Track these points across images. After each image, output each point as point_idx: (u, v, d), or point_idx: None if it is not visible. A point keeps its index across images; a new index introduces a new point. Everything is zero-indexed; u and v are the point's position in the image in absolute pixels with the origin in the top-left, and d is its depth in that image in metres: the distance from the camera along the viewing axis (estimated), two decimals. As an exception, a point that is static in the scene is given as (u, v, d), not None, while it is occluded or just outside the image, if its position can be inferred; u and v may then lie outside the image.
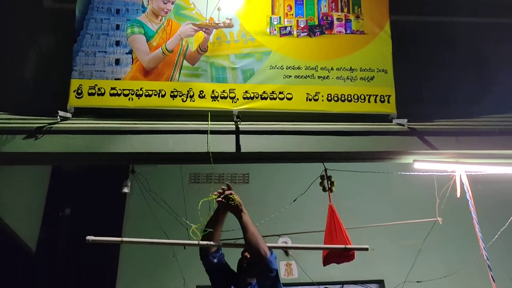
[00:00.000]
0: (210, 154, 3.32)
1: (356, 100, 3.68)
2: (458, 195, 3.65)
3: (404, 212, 5.04)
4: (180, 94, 3.53)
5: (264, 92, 3.60)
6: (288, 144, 3.52)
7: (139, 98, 3.48)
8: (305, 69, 3.70)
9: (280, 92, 3.61)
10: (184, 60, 3.62)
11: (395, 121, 3.69)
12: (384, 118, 3.72)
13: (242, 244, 2.51)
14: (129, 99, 3.48)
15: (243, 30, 3.72)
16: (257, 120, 3.59)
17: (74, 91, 3.45)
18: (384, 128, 3.66)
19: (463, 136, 3.67)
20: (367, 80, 3.74)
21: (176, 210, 4.58)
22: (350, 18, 3.89)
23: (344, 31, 3.86)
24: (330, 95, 3.66)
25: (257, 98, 3.59)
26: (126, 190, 5.09)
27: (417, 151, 3.60)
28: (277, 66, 3.67)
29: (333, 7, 3.90)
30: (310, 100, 3.64)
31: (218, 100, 3.55)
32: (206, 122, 3.46)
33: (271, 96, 3.61)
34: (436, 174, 3.84)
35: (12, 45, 3.82)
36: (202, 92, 3.55)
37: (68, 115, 3.41)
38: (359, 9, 3.92)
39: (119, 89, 3.49)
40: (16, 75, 3.74)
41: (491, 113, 3.90)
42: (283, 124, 3.59)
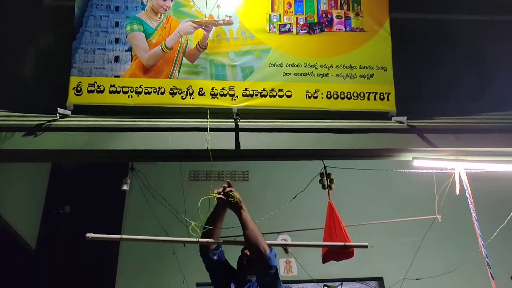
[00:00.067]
0: (209, 151, 3.33)
1: (355, 98, 3.68)
2: (458, 193, 3.65)
3: (403, 209, 5.06)
4: (180, 92, 3.52)
5: (264, 89, 3.60)
6: (288, 142, 3.52)
7: (138, 96, 3.48)
8: (304, 66, 3.70)
9: (279, 90, 3.61)
10: (184, 57, 3.62)
11: (394, 118, 3.70)
12: (383, 116, 3.73)
13: (242, 241, 2.52)
14: (128, 97, 3.48)
15: (242, 28, 3.72)
16: (256, 117, 3.59)
17: (74, 89, 3.45)
18: (384, 125, 3.67)
19: (463, 133, 3.68)
20: (366, 78, 3.74)
21: (176, 208, 4.58)
22: (349, 15, 3.89)
23: (343, 28, 3.86)
24: (329, 93, 3.66)
25: (256, 95, 3.58)
26: (125, 187, 5.10)
27: (416, 149, 3.61)
28: (276, 64, 3.67)
29: (332, 5, 3.90)
30: (310, 97, 3.64)
31: (218, 98, 3.55)
32: (206, 120, 3.46)
33: (271, 94, 3.61)
34: (436, 171, 3.84)
35: (11, 42, 3.81)
36: (201, 89, 3.55)
37: (68, 112, 3.41)
38: (358, 6, 3.92)
39: (119, 86, 3.49)
40: (15, 73, 3.74)
41: (491, 110, 3.91)
42: (282, 122, 3.60)
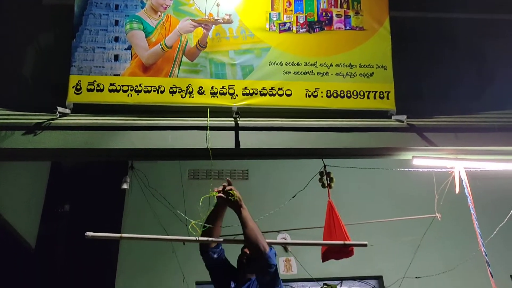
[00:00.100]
0: (209, 150, 3.32)
1: (355, 96, 3.68)
2: (457, 191, 3.65)
3: (403, 208, 5.05)
4: (179, 90, 3.52)
5: (264, 88, 3.60)
6: (287, 140, 3.52)
7: (138, 94, 3.48)
8: (304, 65, 3.69)
9: (279, 88, 3.61)
10: (183, 56, 3.62)
11: (394, 117, 3.69)
12: (383, 114, 3.73)
13: (242, 240, 2.52)
14: (128, 95, 3.48)
15: (242, 26, 3.71)
16: (256, 116, 3.58)
17: (73, 87, 3.45)
18: (383, 124, 3.67)
19: (462, 132, 3.68)
20: (366, 76, 3.74)
21: (176, 206, 4.55)
22: (349, 14, 3.88)
23: (343, 27, 3.86)
24: (329, 91, 3.66)
25: (256, 94, 3.58)
26: (125, 186, 5.09)
27: (416, 147, 3.61)
28: (276, 62, 3.67)
29: (332, 3, 3.90)
30: (310, 96, 3.64)
31: (217, 96, 3.54)
32: (205, 118, 3.45)
33: (270, 92, 3.60)
34: (435, 170, 3.84)
35: (11, 41, 3.80)
36: (201, 88, 3.54)
37: (67, 111, 3.41)
38: (358, 5, 3.91)
39: (118, 85, 3.49)
40: (15, 71, 3.73)
41: (490, 109, 3.91)
42: (282, 121, 3.59)
